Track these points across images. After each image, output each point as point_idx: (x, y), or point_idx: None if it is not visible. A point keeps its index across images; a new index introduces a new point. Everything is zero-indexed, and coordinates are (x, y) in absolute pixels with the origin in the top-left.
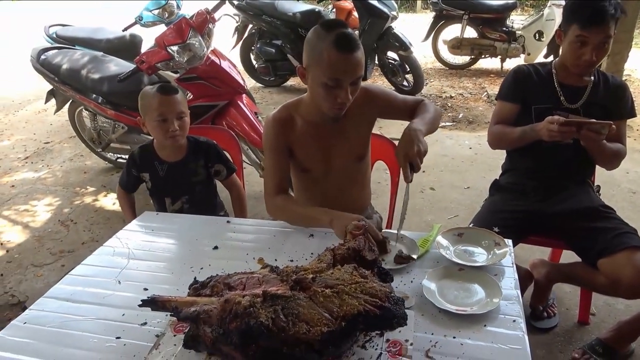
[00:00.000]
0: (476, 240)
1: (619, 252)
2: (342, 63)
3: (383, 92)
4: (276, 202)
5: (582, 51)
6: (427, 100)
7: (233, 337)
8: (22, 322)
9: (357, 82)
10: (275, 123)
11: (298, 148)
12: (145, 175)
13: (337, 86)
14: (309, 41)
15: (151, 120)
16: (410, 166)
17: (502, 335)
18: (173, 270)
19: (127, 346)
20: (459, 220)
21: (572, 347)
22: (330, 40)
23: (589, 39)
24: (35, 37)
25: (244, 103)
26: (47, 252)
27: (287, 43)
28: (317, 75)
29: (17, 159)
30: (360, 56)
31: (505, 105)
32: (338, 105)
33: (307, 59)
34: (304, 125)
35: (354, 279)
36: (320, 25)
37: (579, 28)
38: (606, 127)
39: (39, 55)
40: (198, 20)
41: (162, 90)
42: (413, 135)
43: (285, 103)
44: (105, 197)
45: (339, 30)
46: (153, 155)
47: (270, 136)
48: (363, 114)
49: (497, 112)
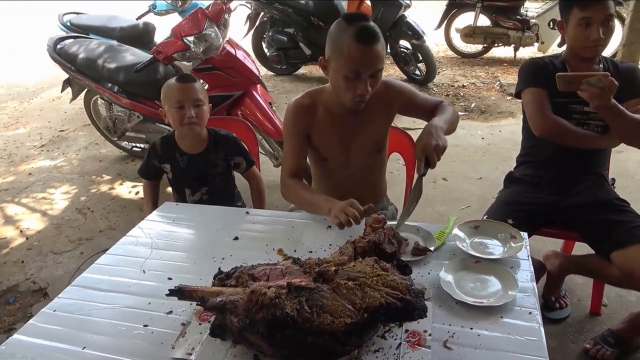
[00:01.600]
0: (492, 233)
1: (632, 245)
2: (362, 55)
3: (404, 88)
4: (287, 184)
5: (589, 32)
6: (446, 101)
7: (259, 327)
8: (52, 309)
9: (377, 74)
10: (297, 109)
11: (317, 136)
12: (166, 166)
13: (357, 78)
14: (331, 34)
15: (170, 108)
16: (426, 160)
17: (518, 327)
18: (195, 260)
19: (155, 334)
20: (471, 211)
21: (584, 337)
22: (351, 32)
23: (592, 18)
24: (48, 25)
25: (259, 93)
26: (65, 239)
27: (299, 31)
28: (338, 68)
29: (34, 147)
30: (381, 49)
31: (540, 90)
32: (358, 97)
33: (329, 51)
34: (325, 114)
35: (375, 272)
36: (343, 17)
37: (580, 10)
38: (602, 78)
39: (56, 44)
40: (214, 10)
41: (180, 79)
42: (434, 130)
43: (309, 90)
44: (121, 185)
45: (360, 23)
46: (174, 147)
47: (291, 121)
48: (383, 108)
49: (538, 99)
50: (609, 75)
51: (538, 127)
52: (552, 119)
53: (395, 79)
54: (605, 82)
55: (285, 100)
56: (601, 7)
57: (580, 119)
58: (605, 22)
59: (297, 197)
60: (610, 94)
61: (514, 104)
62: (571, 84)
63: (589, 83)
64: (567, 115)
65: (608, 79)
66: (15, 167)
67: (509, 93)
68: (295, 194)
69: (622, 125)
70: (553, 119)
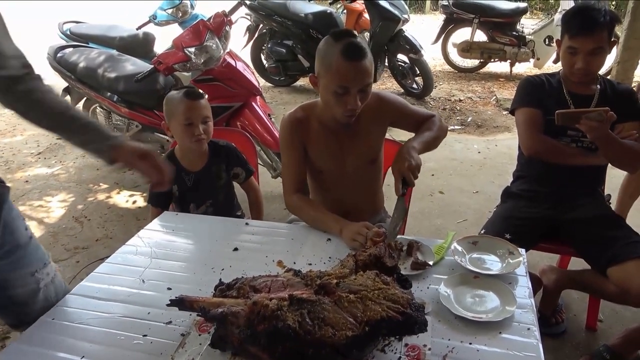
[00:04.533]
0: (491, 248)
1: (628, 261)
2: (349, 71)
3: (397, 100)
4: (293, 200)
5: (574, 60)
6: (437, 117)
7: (261, 339)
8: (50, 317)
9: (366, 89)
10: (291, 123)
11: (312, 148)
12: (174, 187)
13: (346, 93)
14: (320, 51)
15: (177, 125)
16: (404, 180)
17: (517, 343)
18: (195, 270)
19: (154, 344)
20: (468, 225)
21: (580, 353)
22: (338, 49)
23: (578, 48)
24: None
25: (258, 105)
26: (62, 248)
27: (297, 43)
28: (327, 83)
29: (30, 154)
30: (368, 64)
31: (533, 110)
32: (348, 112)
33: (318, 67)
34: (319, 127)
35: (377, 285)
36: (331, 34)
37: (569, 38)
38: (603, 113)
39: (56, 53)
40: (216, 22)
41: (188, 95)
42: (405, 151)
43: (302, 104)
44: (118, 195)
45: (347, 39)
46: (178, 167)
47: (287, 135)
48: (375, 120)
49: (529, 119)
50: (609, 110)
51: (527, 147)
52: (540, 139)
53: (388, 91)
54: (604, 116)
55: (283, 111)
56: (588, 40)
57: (574, 136)
58: (591, 53)
59: (304, 215)
60: (608, 125)
61: (509, 118)
62: (570, 119)
63: (588, 118)
64: (562, 132)
65: (608, 113)
66: (12, 174)
67: (504, 108)
68: (303, 212)
69: (614, 152)
70: (541, 139)
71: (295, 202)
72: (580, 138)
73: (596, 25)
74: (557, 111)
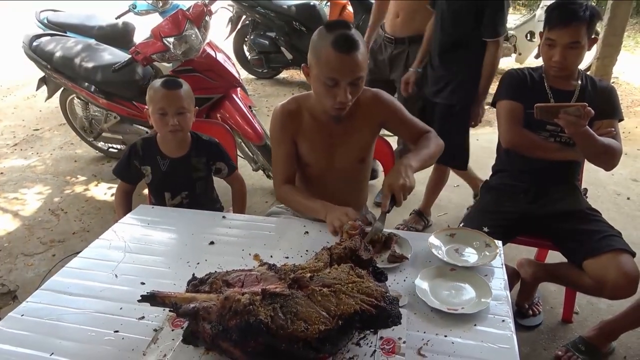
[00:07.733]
0: (467, 240)
1: (604, 254)
2: (339, 63)
3: (394, 103)
4: (283, 191)
5: (551, 53)
6: (433, 133)
7: (232, 334)
8: (19, 314)
9: (357, 82)
10: (283, 114)
11: (302, 141)
12: (146, 168)
13: (336, 85)
14: (312, 41)
15: (153, 113)
16: (393, 198)
17: (492, 335)
18: (170, 265)
19: (125, 340)
20: (448, 218)
21: (556, 344)
22: (330, 40)
23: (556, 41)
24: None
25: (239, 96)
26: (37, 241)
27: (281, 35)
28: (318, 75)
29: (6, 145)
30: (360, 57)
31: (513, 103)
32: (338, 104)
33: (310, 57)
34: (310, 120)
35: (351, 279)
36: (324, 25)
37: (548, 30)
38: (581, 108)
39: (32, 41)
40: (195, 12)
41: (165, 85)
42: (402, 169)
43: (295, 95)
44: (96, 187)
45: (339, 31)
46: (156, 149)
47: (278, 127)
48: (368, 118)
49: (510, 112)
50: (587, 105)
51: (506, 140)
52: (519, 132)
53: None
54: (582, 112)
55: (265, 104)
56: (566, 33)
57: (553, 130)
58: (568, 47)
59: (294, 203)
60: (585, 121)
61: (491, 112)
62: (549, 113)
63: (567, 112)
64: (541, 127)
65: (586, 109)
66: None
67: (486, 102)
68: (293, 201)
69: (591, 148)
70: (521, 133)
71: (285, 191)
72: (559, 133)
73: (575, 19)
74: (536, 105)
